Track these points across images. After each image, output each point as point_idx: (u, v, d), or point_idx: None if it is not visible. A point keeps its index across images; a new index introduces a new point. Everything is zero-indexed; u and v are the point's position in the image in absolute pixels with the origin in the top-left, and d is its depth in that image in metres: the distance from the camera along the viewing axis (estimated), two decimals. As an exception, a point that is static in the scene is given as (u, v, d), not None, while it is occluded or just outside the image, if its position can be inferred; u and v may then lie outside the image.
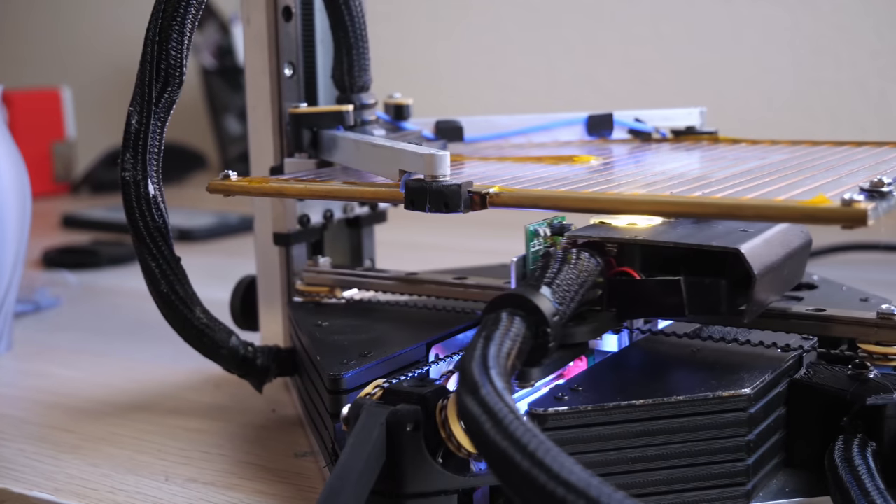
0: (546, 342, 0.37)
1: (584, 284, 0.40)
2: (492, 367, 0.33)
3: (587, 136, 0.63)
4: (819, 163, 0.49)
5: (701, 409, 0.40)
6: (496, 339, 0.35)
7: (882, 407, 0.41)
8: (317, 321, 0.52)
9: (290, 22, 0.56)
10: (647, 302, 0.42)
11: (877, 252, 0.93)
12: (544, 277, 0.39)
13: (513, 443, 0.30)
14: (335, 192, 0.46)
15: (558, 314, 0.38)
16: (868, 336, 0.44)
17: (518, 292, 0.38)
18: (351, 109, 0.55)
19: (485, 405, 0.32)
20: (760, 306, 0.43)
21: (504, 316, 0.37)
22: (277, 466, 0.49)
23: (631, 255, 0.42)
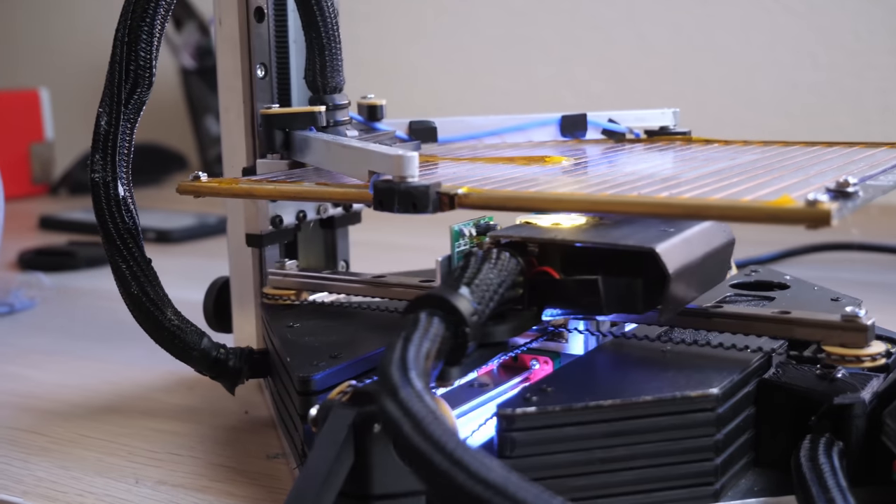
0: (465, 342, 0.38)
1: (504, 284, 0.40)
2: (411, 369, 0.34)
3: (561, 136, 0.63)
4: (789, 163, 0.49)
5: (669, 410, 0.40)
6: (415, 340, 0.36)
7: (849, 406, 0.41)
8: (288, 322, 0.52)
9: (262, 23, 0.56)
10: (567, 300, 0.42)
11: (853, 252, 0.93)
12: (464, 277, 0.39)
13: (431, 443, 0.30)
14: (305, 193, 0.46)
15: (477, 314, 0.38)
16: (832, 338, 0.43)
17: (437, 293, 0.38)
18: (323, 110, 0.55)
19: (404, 407, 0.32)
20: (678, 304, 0.43)
21: (423, 317, 0.37)
22: (249, 468, 0.49)
23: (551, 254, 0.43)
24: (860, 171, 0.45)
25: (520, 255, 0.42)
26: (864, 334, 0.43)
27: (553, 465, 0.39)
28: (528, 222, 0.45)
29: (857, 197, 0.38)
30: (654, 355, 0.45)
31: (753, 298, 0.54)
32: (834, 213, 0.35)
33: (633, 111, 0.64)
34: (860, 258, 0.92)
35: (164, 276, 0.52)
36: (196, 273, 0.79)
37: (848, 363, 0.43)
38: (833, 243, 0.94)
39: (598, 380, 0.42)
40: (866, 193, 0.39)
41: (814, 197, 0.35)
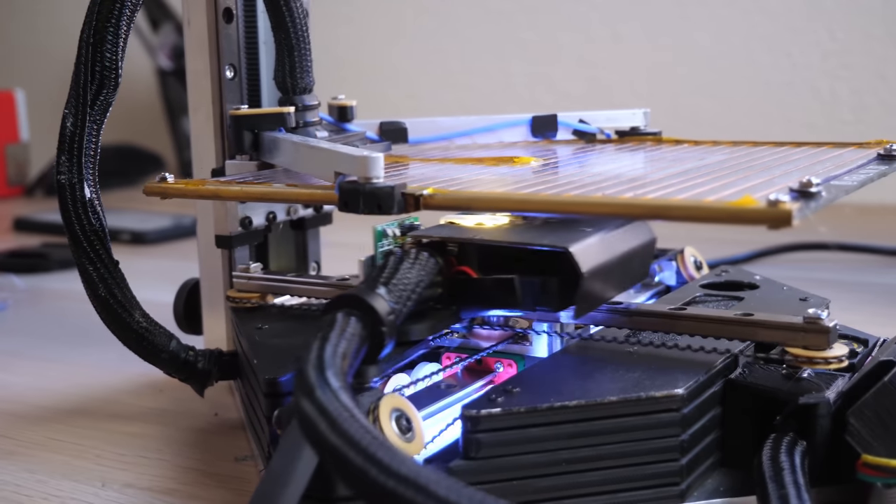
0: (381, 341, 0.38)
1: (422, 283, 0.41)
2: (327, 368, 0.34)
3: (532, 137, 0.63)
4: (756, 163, 0.50)
5: (634, 410, 0.40)
6: (332, 339, 0.36)
7: (814, 406, 0.41)
8: (257, 324, 0.52)
9: (230, 24, 0.56)
10: (484, 299, 0.43)
11: (829, 252, 0.94)
12: (381, 277, 0.40)
13: (346, 441, 0.31)
14: (271, 195, 0.46)
15: (394, 313, 0.39)
16: (795, 340, 0.44)
17: (354, 293, 0.39)
18: (292, 111, 0.55)
19: (319, 406, 0.32)
20: (594, 302, 0.44)
21: (340, 317, 0.38)
22: (217, 471, 0.49)
23: (470, 254, 0.43)
24: (825, 171, 0.45)
25: (439, 254, 0.43)
26: (826, 336, 0.43)
27: (518, 466, 0.39)
28: (452, 222, 0.46)
29: (820, 197, 0.38)
30: (620, 356, 0.45)
31: (723, 298, 0.55)
32: (795, 214, 0.35)
33: (603, 111, 0.64)
34: (835, 258, 0.93)
35: (139, 277, 0.51)
36: (170, 274, 0.78)
37: (811, 365, 0.44)
38: (808, 243, 0.94)
39: (563, 381, 0.42)
40: (829, 193, 0.39)
41: (775, 197, 0.35)
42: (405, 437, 0.39)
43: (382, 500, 0.30)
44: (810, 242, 0.94)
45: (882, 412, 0.39)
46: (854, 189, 0.42)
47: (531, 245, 0.42)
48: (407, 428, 0.39)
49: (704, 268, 0.62)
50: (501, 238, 0.43)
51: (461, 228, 0.45)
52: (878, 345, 0.48)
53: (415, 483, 0.29)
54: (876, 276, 0.86)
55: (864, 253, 0.94)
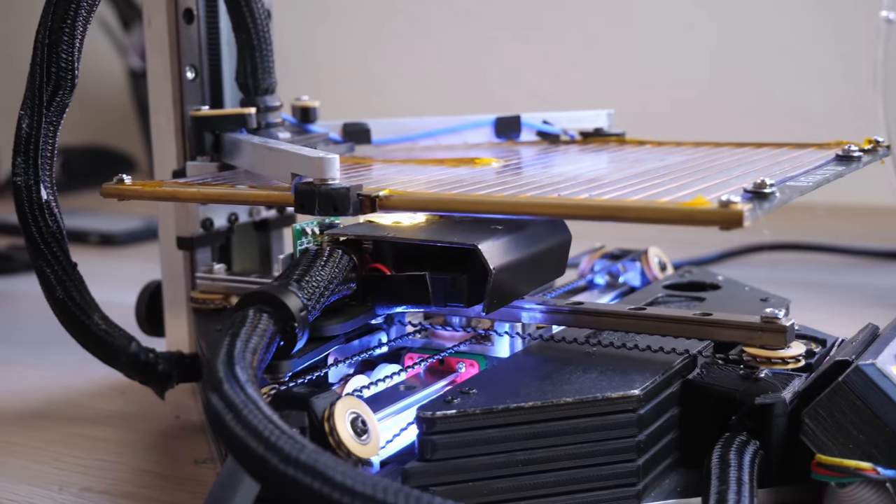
0: (293, 336, 0.39)
1: (335, 280, 0.42)
2: (236, 363, 0.35)
3: (496, 138, 0.63)
4: (715, 164, 0.50)
5: (590, 411, 0.40)
6: (242, 335, 0.36)
7: (770, 406, 0.41)
8: (218, 326, 0.51)
9: (191, 24, 0.56)
10: (397, 295, 0.44)
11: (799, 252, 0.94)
12: (294, 274, 0.41)
13: (250, 431, 0.31)
14: (228, 196, 0.46)
15: (305, 309, 0.39)
16: (752, 340, 0.44)
17: (265, 290, 0.39)
18: (253, 112, 0.54)
19: (226, 399, 0.33)
20: (504, 298, 0.45)
21: (251, 313, 0.38)
22: (176, 474, 0.48)
23: (384, 252, 0.44)
24: (782, 172, 0.45)
25: (354, 252, 0.44)
26: (784, 335, 0.43)
27: (474, 467, 0.39)
28: (371, 221, 0.47)
29: (774, 198, 0.39)
30: (579, 357, 0.45)
31: (685, 299, 0.55)
32: (746, 215, 0.35)
33: (567, 112, 0.64)
34: (803, 258, 0.93)
35: (107, 279, 0.51)
36: (140, 276, 0.77)
37: (768, 365, 0.44)
38: (782, 243, 0.95)
39: (520, 382, 0.42)
40: (784, 194, 0.40)
41: (727, 198, 0.35)
42: (361, 439, 0.39)
43: (284, 489, 0.30)
44: (782, 242, 0.95)
45: (836, 412, 0.40)
46: (810, 189, 0.43)
47: (442, 242, 0.43)
48: (363, 430, 0.39)
49: (669, 268, 0.63)
50: (414, 236, 0.44)
51: (378, 227, 0.46)
52: (836, 345, 0.48)
53: (313, 469, 0.30)
54: (842, 277, 0.87)
55: (832, 253, 0.94)
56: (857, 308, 0.75)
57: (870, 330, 0.46)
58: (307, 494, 0.30)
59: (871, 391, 0.39)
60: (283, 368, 0.41)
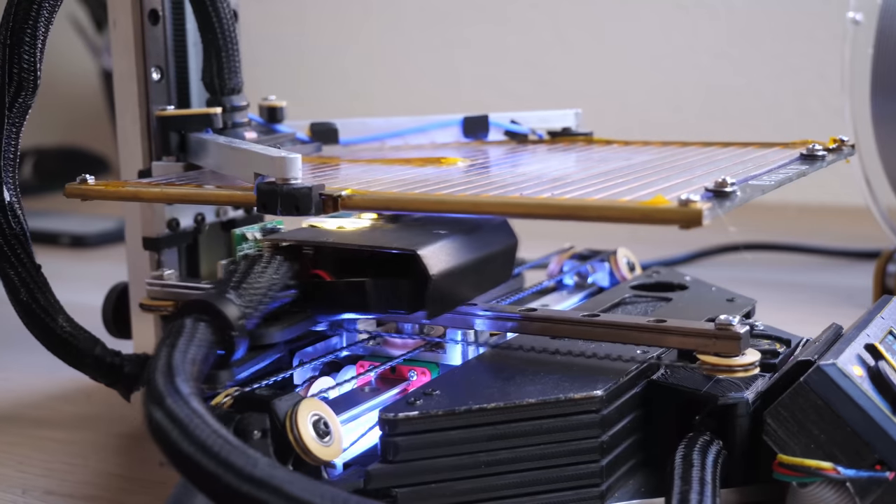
0: (232, 345, 0.38)
1: (274, 287, 0.41)
2: (177, 375, 0.34)
3: (464, 137, 0.63)
4: (680, 163, 0.50)
5: (553, 412, 0.40)
6: (180, 346, 0.35)
7: (733, 406, 0.41)
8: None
9: (157, 25, 0.55)
10: (338, 302, 0.44)
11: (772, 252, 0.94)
12: (231, 281, 0.40)
13: (198, 447, 0.30)
14: (191, 196, 0.45)
15: (244, 317, 0.38)
16: (707, 347, 0.42)
17: (202, 298, 0.38)
18: (219, 112, 0.54)
19: (171, 414, 0.32)
20: (446, 304, 0.44)
21: (188, 322, 0.37)
22: (141, 476, 0.48)
23: (325, 257, 0.44)
24: (746, 171, 0.45)
25: (295, 258, 0.43)
26: (737, 343, 0.41)
27: (437, 468, 0.39)
28: (314, 225, 0.46)
29: (735, 197, 0.39)
30: (543, 359, 0.45)
31: (651, 300, 0.55)
32: (706, 214, 0.35)
33: (535, 112, 0.64)
34: (774, 258, 0.94)
35: (77, 281, 0.51)
36: (110, 278, 0.77)
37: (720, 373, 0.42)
38: (753, 243, 0.95)
39: (483, 383, 0.42)
40: (745, 193, 0.40)
41: (686, 197, 0.35)
42: (323, 441, 0.39)
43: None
44: (758, 242, 0.95)
45: (798, 412, 0.40)
46: (771, 188, 0.43)
47: (382, 248, 0.43)
48: (325, 432, 0.39)
49: (637, 269, 0.63)
50: (355, 241, 0.44)
51: (320, 231, 0.45)
52: (800, 345, 0.49)
53: (269, 485, 0.29)
54: (813, 276, 0.87)
55: (803, 253, 0.94)
56: (827, 308, 0.76)
57: (833, 330, 0.46)
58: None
59: (832, 391, 0.39)
60: (223, 378, 0.40)
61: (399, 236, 0.44)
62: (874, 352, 0.42)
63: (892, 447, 0.38)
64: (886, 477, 0.38)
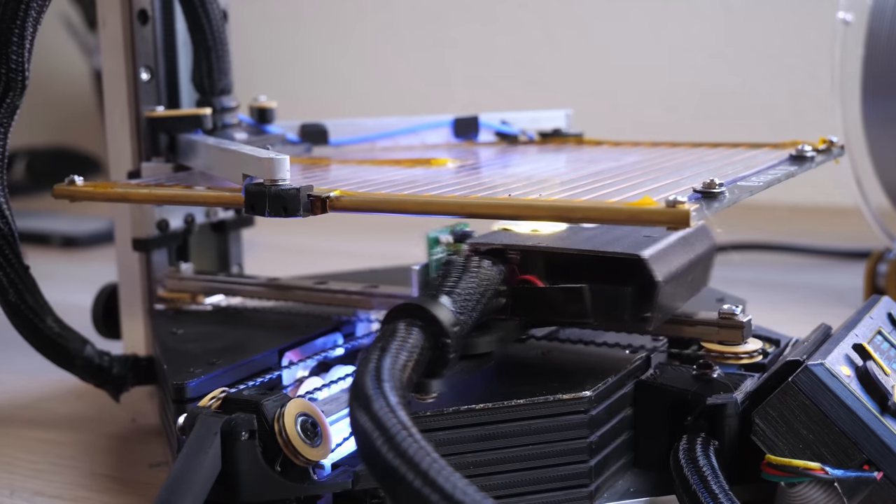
0: (446, 353, 0.36)
1: (486, 293, 0.39)
2: (385, 381, 0.32)
3: (454, 138, 0.63)
4: (669, 164, 0.50)
5: (541, 412, 0.40)
6: (392, 350, 0.34)
7: (722, 406, 0.41)
8: (172, 329, 0.51)
9: (146, 25, 0.55)
10: (551, 310, 0.41)
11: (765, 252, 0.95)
12: (444, 286, 0.38)
13: (405, 461, 0.29)
14: (178, 197, 0.45)
15: (459, 324, 0.37)
16: (711, 336, 0.44)
17: (417, 302, 0.36)
18: (209, 113, 0.54)
19: (377, 420, 0.31)
20: (666, 313, 0.43)
21: (402, 327, 0.36)
22: (130, 477, 0.48)
23: (534, 262, 0.42)
24: (735, 172, 0.45)
25: (501, 262, 0.41)
26: (740, 331, 0.44)
27: (425, 469, 0.39)
28: (506, 229, 0.44)
29: (724, 197, 0.39)
30: (532, 358, 0.45)
31: None
32: (693, 214, 0.35)
33: (526, 113, 0.64)
34: (766, 259, 0.94)
35: (68, 281, 0.51)
36: (101, 279, 0.77)
37: (722, 360, 0.44)
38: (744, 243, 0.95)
39: (473, 383, 0.42)
40: (733, 194, 0.40)
41: (674, 198, 0.35)
42: (312, 441, 0.39)
43: None
44: (744, 243, 0.95)
45: (786, 412, 0.40)
46: (760, 189, 0.43)
47: (604, 252, 0.41)
48: (313, 433, 0.39)
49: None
50: (567, 245, 0.42)
51: (520, 235, 0.43)
52: (790, 345, 0.49)
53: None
54: (803, 276, 0.87)
55: (793, 253, 0.95)
56: (817, 308, 0.76)
57: (822, 330, 0.46)
58: None
59: (819, 391, 0.39)
60: (433, 387, 0.38)
61: (612, 239, 0.42)
62: (862, 352, 0.42)
63: (880, 447, 0.38)
64: (874, 477, 0.38)
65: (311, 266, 0.65)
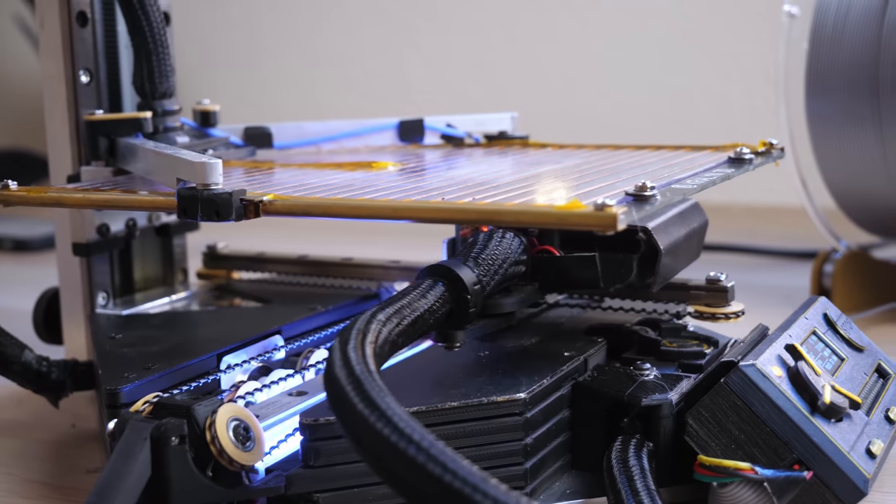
0: (466, 307, 0.40)
1: (508, 260, 0.43)
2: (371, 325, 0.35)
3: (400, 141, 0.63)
4: (609, 167, 0.50)
5: (476, 415, 0.40)
6: (412, 294, 0.39)
7: (657, 407, 0.42)
8: (111, 334, 0.51)
9: (85, 27, 0.55)
10: (566, 276, 0.46)
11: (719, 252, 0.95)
12: (471, 253, 0.42)
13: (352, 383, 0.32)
14: (113, 202, 0.45)
15: (480, 283, 0.41)
16: (700, 299, 0.50)
17: (444, 263, 0.41)
18: (149, 116, 0.54)
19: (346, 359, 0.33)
20: (666, 278, 0.46)
21: (428, 282, 0.40)
22: (66, 483, 0.48)
23: (550, 234, 0.46)
24: (671, 174, 0.46)
25: (522, 234, 0.45)
26: (725, 294, 0.50)
27: (358, 473, 0.39)
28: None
29: (655, 201, 0.39)
30: (471, 360, 0.45)
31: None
32: (621, 218, 0.35)
33: (472, 115, 0.64)
34: (719, 259, 0.94)
35: (18, 286, 0.50)
36: (50, 283, 0.77)
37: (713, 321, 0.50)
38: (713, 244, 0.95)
39: (407, 386, 0.42)
40: (665, 197, 0.40)
41: (602, 201, 0.35)
42: (244, 446, 0.38)
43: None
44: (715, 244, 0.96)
45: (718, 413, 0.40)
46: (693, 192, 0.43)
47: None
48: (245, 437, 0.39)
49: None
50: None
51: None
52: (728, 346, 0.49)
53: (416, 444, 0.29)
54: (755, 277, 0.88)
55: (746, 254, 0.95)
56: (765, 308, 0.76)
57: (759, 330, 0.47)
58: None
59: (751, 392, 0.39)
60: (458, 338, 0.42)
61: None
62: (794, 352, 0.42)
63: (809, 447, 0.39)
64: (804, 476, 0.38)
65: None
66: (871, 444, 0.40)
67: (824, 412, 0.40)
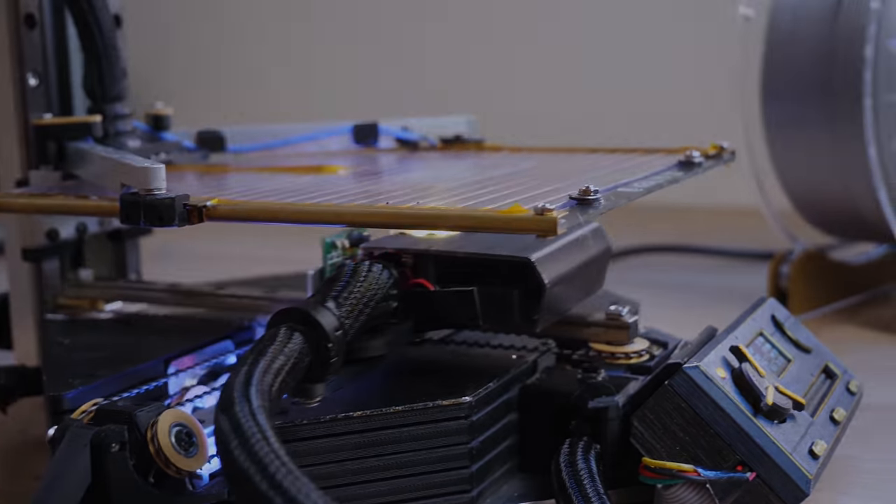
0: (328, 357, 0.37)
1: (375, 297, 0.40)
2: (252, 385, 0.33)
3: (354, 145, 0.63)
4: (560, 170, 0.50)
5: (421, 419, 0.40)
6: (268, 354, 0.35)
7: (604, 409, 0.42)
8: (60, 339, 0.50)
9: (34, 30, 0.54)
10: (442, 313, 0.42)
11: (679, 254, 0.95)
12: (331, 291, 0.38)
13: (254, 463, 0.30)
14: (57, 207, 0.45)
15: (342, 328, 0.37)
16: (598, 336, 0.46)
17: (299, 307, 0.37)
18: (98, 120, 0.53)
19: (235, 423, 0.31)
20: (554, 314, 0.44)
21: (282, 331, 0.36)
22: (12, 490, 0.47)
23: (426, 266, 0.42)
24: (620, 177, 0.46)
25: (394, 266, 0.42)
26: (626, 332, 0.45)
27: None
28: (403, 233, 0.45)
29: (599, 204, 0.39)
30: (419, 363, 0.45)
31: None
32: (561, 222, 0.35)
33: (428, 118, 0.64)
34: (674, 261, 0.94)
35: None
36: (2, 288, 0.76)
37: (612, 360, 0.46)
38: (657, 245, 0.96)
39: (353, 390, 0.42)
40: (609, 201, 0.40)
41: (543, 205, 0.35)
42: (187, 452, 0.38)
43: None
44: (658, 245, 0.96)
45: (663, 415, 0.40)
46: (639, 196, 0.43)
47: (492, 255, 0.41)
48: (189, 443, 0.38)
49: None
50: (458, 248, 0.42)
51: (414, 239, 0.44)
52: (677, 347, 0.49)
53: None
54: (713, 278, 0.88)
55: (705, 255, 0.96)
56: (721, 310, 0.76)
57: (707, 332, 0.47)
58: None
59: (694, 394, 0.40)
60: (316, 392, 0.38)
61: (503, 242, 0.42)
62: (738, 353, 0.42)
63: (752, 448, 0.39)
64: (746, 477, 0.38)
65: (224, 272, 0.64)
66: (815, 445, 0.40)
67: (767, 413, 0.40)
